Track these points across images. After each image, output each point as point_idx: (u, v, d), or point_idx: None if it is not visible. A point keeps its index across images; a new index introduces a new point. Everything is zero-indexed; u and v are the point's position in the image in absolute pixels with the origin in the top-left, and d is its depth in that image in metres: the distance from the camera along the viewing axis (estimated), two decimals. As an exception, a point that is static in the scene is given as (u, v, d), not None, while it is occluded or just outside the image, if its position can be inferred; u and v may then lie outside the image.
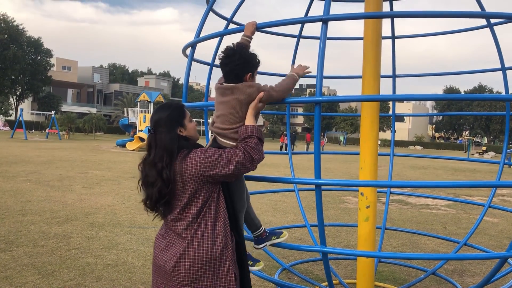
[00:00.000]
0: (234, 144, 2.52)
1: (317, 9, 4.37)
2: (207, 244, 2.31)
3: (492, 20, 4.38)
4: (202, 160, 2.30)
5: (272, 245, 2.91)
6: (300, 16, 4.20)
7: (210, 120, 2.79)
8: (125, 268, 5.14)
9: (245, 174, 2.60)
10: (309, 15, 4.81)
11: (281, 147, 38.66)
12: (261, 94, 2.53)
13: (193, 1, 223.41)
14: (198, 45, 3.54)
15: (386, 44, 4.71)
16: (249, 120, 2.49)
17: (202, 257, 2.30)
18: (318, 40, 2.68)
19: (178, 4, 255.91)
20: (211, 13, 3.81)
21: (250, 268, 2.71)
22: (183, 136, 2.41)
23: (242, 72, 2.55)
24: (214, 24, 4.23)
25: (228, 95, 2.55)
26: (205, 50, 4.55)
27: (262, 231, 2.86)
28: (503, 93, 4.58)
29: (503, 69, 4.45)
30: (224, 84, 2.59)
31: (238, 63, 2.53)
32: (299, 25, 5.07)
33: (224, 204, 2.41)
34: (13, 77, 53.32)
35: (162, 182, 2.31)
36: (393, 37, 5.08)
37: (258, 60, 2.64)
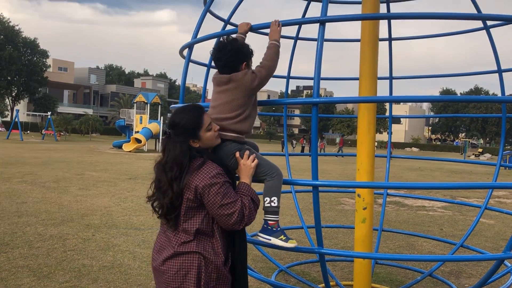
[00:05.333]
0: (235, 135, 2.51)
1: (315, 11, 4.37)
2: (193, 255, 2.29)
3: (489, 23, 4.40)
4: (208, 186, 2.26)
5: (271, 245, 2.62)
6: (298, 18, 4.20)
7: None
8: (121, 269, 5.12)
9: None
10: (306, 16, 4.82)
11: (303, 148, 39.17)
12: (251, 157, 2.50)
13: (192, 2, 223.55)
14: (195, 46, 3.53)
15: (383, 46, 4.72)
16: (244, 179, 2.46)
17: (187, 265, 2.28)
18: (316, 42, 2.68)
19: (176, 5, 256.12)
20: (209, 14, 3.80)
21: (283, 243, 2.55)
22: (195, 148, 2.36)
23: (236, 63, 2.54)
24: (212, 26, 4.22)
25: (225, 83, 2.54)
26: (202, 51, 4.54)
27: (275, 220, 2.59)
28: (499, 95, 4.60)
29: (499, 71, 4.46)
30: (221, 74, 2.59)
31: (230, 55, 2.52)
32: (296, 27, 5.07)
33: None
34: (8, 78, 53.09)
35: (173, 193, 2.27)
36: (390, 39, 5.09)
37: (251, 49, 2.62)
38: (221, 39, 2.63)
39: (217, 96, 2.58)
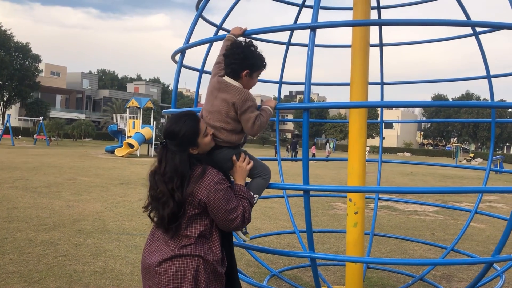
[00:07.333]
0: (230, 143, 2.52)
1: (307, 17, 4.41)
2: (192, 257, 2.30)
3: (478, 29, 4.46)
4: (213, 192, 2.28)
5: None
6: (290, 24, 4.24)
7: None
8: (113, 275, 5.09)
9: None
10: (298, 22, 4.85)
11: (296, 153, 39.09)
12: (246, 160, 2.57)
13: (186, 7, 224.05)
14: (188, 51, 3.55)
15: (375, 52, 4.76)
16: (239, 180, 2.52)
17: (186, 267, 2.28)
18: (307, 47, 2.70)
19: (170, 10, 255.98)
20: (202, 20, 3.82)
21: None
22: (195, 155, 2.36)
23: (239, 68, 2.51)
24: (205, 31, 4.25)
25: (224, 91, 2.51)
26: (195, 56, 4.57)
27: None
28: (490, 100, 4.65)
29: (489, 76, 4.52)
30: (225, 77, 2.55)
31: (237, 58, 2.50)
32: (288, 32, 5.11)
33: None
34: (0, 82, 52.70)
35: (174, 204, 2.25)
36: (381, 45, 5.14)
37: (265, 63, 2.60)
38: (243, 41, 2.61)
39: (215, 101, 2.53)
